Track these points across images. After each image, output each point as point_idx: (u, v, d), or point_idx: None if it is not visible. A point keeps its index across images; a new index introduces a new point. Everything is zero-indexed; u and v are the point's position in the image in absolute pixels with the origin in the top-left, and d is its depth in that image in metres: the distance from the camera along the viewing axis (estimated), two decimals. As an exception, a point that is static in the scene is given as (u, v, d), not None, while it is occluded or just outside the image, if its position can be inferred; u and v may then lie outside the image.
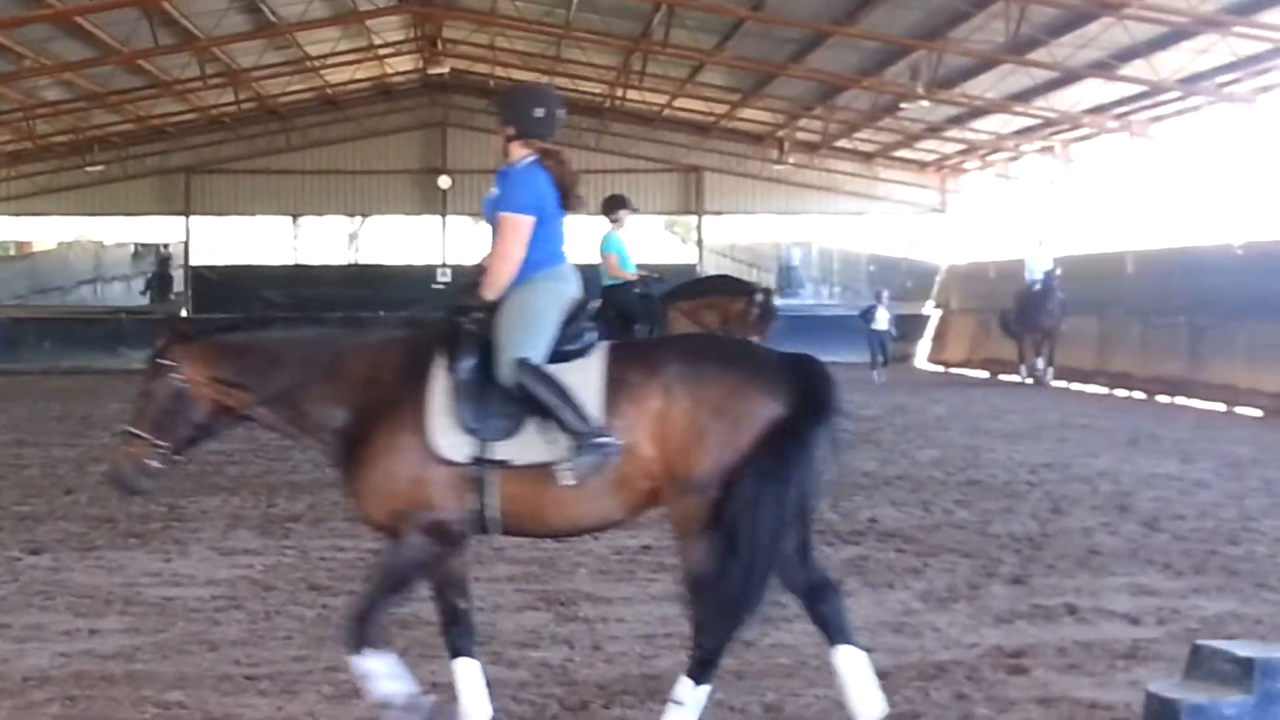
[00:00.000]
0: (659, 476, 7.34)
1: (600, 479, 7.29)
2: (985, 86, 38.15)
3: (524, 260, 7.76)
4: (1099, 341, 35.75)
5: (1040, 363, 35.47)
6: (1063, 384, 34.81)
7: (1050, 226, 42.33)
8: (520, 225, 7.78)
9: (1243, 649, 6.68)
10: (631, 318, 17.82)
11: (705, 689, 7.44)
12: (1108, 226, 43.54)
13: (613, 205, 18.77)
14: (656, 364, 7.45)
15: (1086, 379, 34.78)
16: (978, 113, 42.10)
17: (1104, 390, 33.79)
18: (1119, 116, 39.36)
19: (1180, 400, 30.50)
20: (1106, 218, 44.15)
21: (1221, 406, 28.69)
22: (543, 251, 7.82)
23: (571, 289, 7.87)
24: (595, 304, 17.49)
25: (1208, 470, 18.40)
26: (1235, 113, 35.03)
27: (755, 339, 17.00)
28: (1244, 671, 6.47)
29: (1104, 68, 33.58)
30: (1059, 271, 35.12)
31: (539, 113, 8.16)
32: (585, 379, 7.42)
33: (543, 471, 7.31)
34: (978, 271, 46.70)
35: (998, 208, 51.25)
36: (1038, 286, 35.13)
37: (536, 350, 7.49)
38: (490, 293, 7.72)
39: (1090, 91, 36.95)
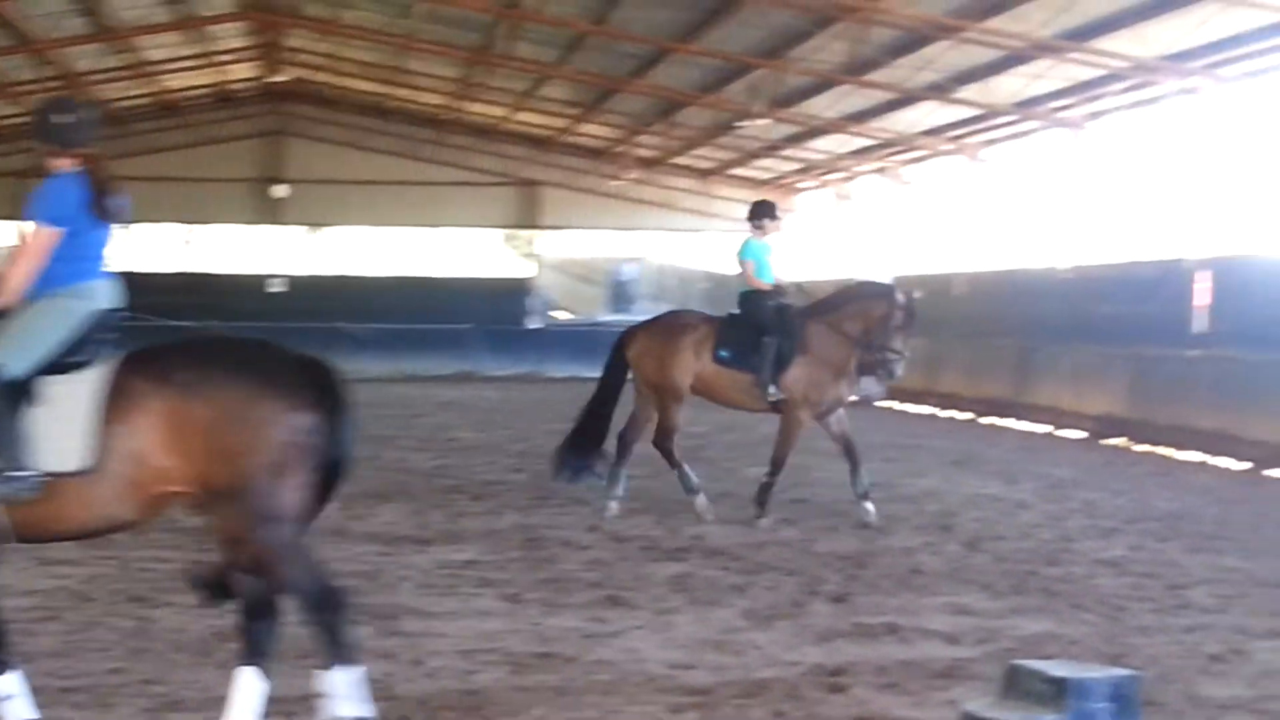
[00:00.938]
0: (182, 482, 7.33)
1: (105, 487, 7.28)
2: (824, 106, 38.38)
3: (46, 273, 7.69)
4: (928, 362, 36.07)
5: (870, 382, 35.64)
6: (891, 404, 35.06)
7: (884, 246, 42.74)
8: (41, 236, 7.71)
9: (1057, 669, 6.74)
10: (762, 329, 16.36)
11: (352, 670, 7.42)
12: (940, 247, 44.00)
13: (756, 212, 17.52)
14: (166, 371, 7.40)
15: (915, 399, 35.09)
16: (815, 132, 42.36)
17: (932, 411, 34.14)
18: (954, 139, 39.81)
19: (1006, 421, 30.89)
20: (939, 239, 44.62)
21: (1046, 428, 29.08)
22: (69, 266, 7.76)
23: (93, 305, 7.79)
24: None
25: (1030, 491, 18.64)
26: (1066, 138, 35.59)
27: (899, 344, 16.25)
28: (1057, 691, 6.52)
29: (941, 90, 33.95)
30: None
31: (63, 120, 8.02)
32: (79, 390, 7.36)
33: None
34: (812, 291, 46.98)
35: (833, 227, 51.61)
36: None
37: (17, 365, 7.41)
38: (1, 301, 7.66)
39: (927, 113, 37.33)
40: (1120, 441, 26.30)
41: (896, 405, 34.70)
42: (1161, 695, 8.71)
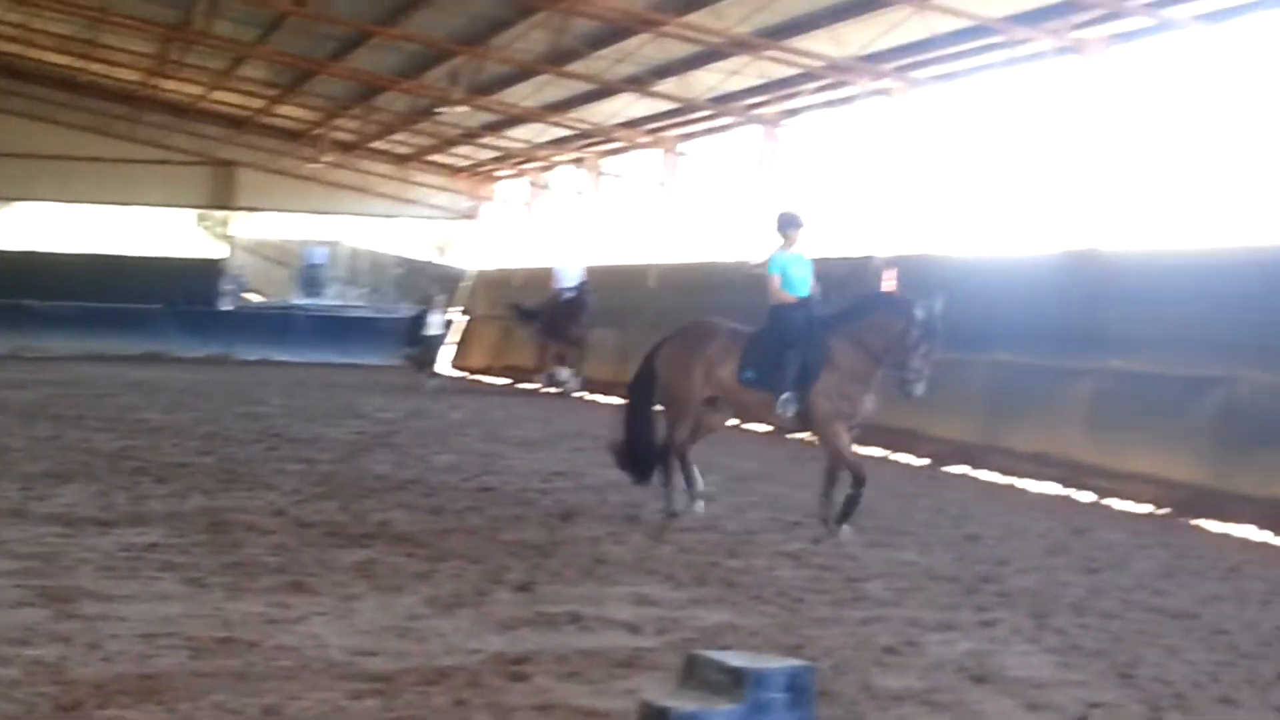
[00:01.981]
0: None
1: None
2: (523, 95, 38.37)
3: None
4: (619, 353, 36.29)
5: (564, 372, 35.72)
6: (583, 394, 35.20)
7: (580, 237, 42.92)
8: None
9: (735, 659, 6.77)
10: (786, 344, 15.52)
11: None
12: (636, 239, 44.27)
13: (782, 223, 16.53)
14: None
15: (606, 390, 35.24)
16: (514, 121, 42.36)
17: (622, 401, 34.26)
18: (651, 132, 40.11)
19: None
20: (635, 230, 44.89)
21: (734, 421, 29.35)
22: None
23: None
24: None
25: (714, 484, 18.80)
26: (761, 133, 36.10)
27: (917, 362, 14.94)
28: (735, 681, 6.55)
29: (639, 83, 34.17)
30: (589, 282, 35.47)
31: None
32: None
33: None
34: (504, 278, 47.01)
35: (530, 216, 51.65)
36: (568, 295, 35.28)
37: None
38: None
39: (625, 105, 37.53)
40: (804, 437, 26.66)
41: (588, 395, 34.82)
42: (836, 686, 8.83)
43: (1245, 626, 11.49)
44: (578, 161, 46.36)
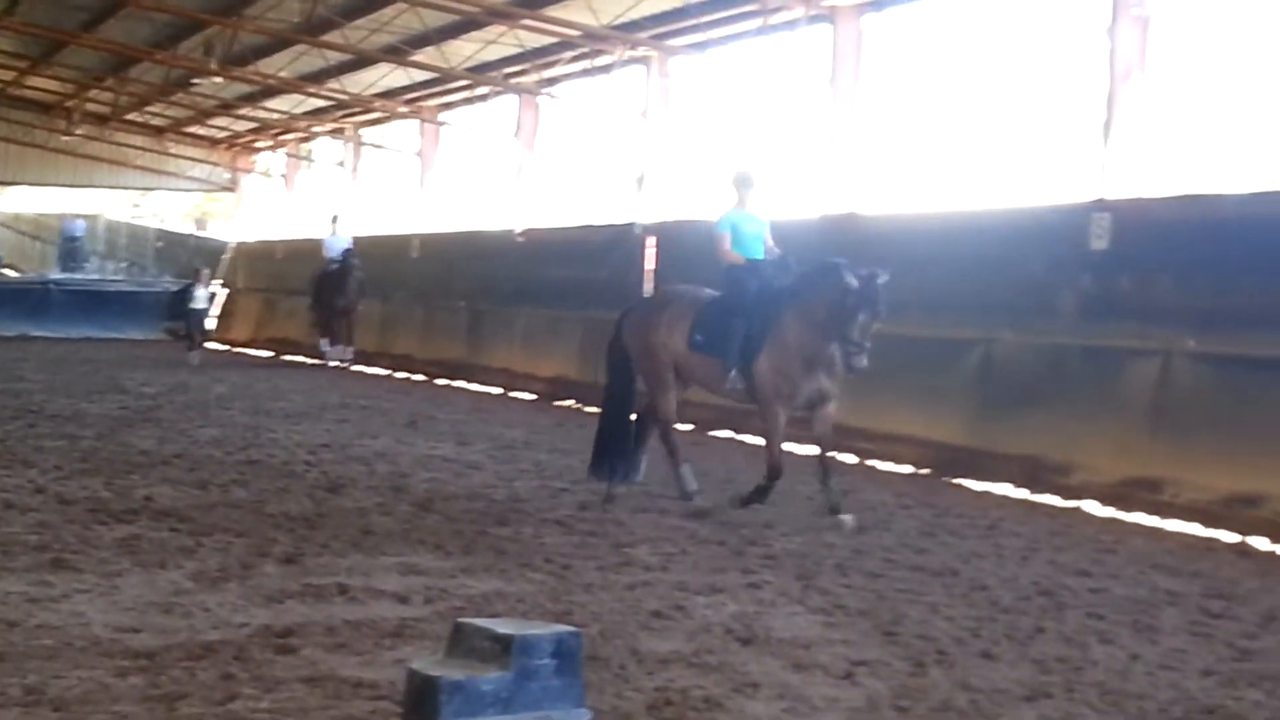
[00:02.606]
0: None
1: None
2: (279, 65, 38.01)
3: None
4: (382, 323, 36.10)
5: (331, 343, 35.22)
6: (352, 365, 34.89)
7: (344, 207, 42.55)
8: None
9: (502, 626, 6.77)
10: (734, 311, 14.63)
11: None
12: (397, 209, 44.06)
13: (735, 180, 15.48)
14: None
15: (370, 361, 35.03)
16: (271, 91, 41.94)
17: (387, 372, 34.15)
18: (410, 101, 39.89)
19: (460, 383, 31.13)
20: (396, 201, 44.67)
21: (498, 390, 29.43)
22: None
23: None
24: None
25: (482, 452, 18.80)
26: (521, 103, 36.09)
27: (856, 334, 13.76)
28: (503, 648, 6.55)
29: (397, 53, 33.99)
30: (356, 252, 35.03)
31: None
32: None
33: None
34: (266, 250, 46.47)
35: (290, 187, 51.10)
36: (335, 266, 34.75)
37: None
38: None
39: (383, 75, 37.29)
40: (571, 403, 26.80)
41: (352, 367, 34.54)
42: (604, 651, 8.88)
43: (1004, 582, 11.74)
44: (337, 132, 46.02)
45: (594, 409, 25.54)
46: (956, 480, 17.64)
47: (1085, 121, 21.79)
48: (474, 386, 30.48)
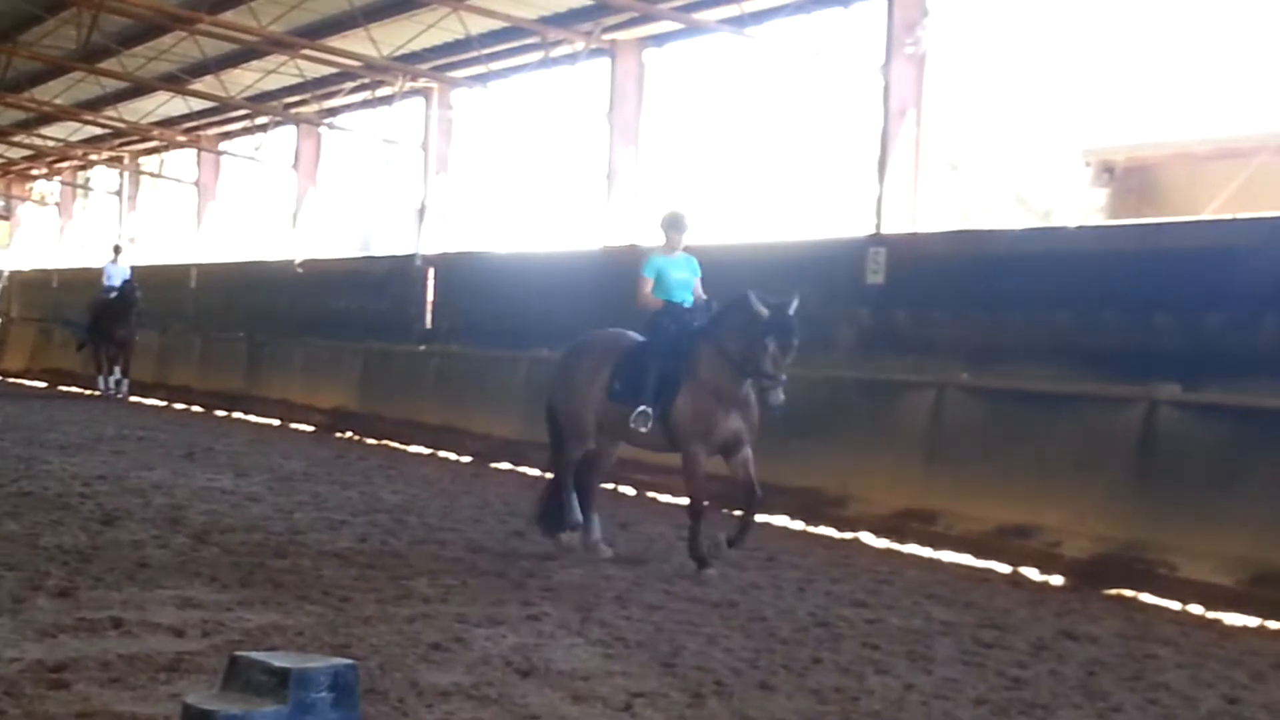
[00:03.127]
0: None
1: None
2: (55, 92, 37.30)
3: None
4: (160, 354, 35.56)
5: (114, 378, 34.39)
6: (129, 396, 34.29)
7: (125, 236, 41.85)
8: None
9: (279, 660, 6.68)
10: (651, 353, 13.95)
11: None
12: (176, 239, 43.46)
13: (664, 223, 14.61)
14: None
15: (147, 392, 34.47)
16: (47, 119, 41.12)
17: (164, 403, 33.61)
18: (188, 130, 39.40)
19: (239, 415, 30.75)
20: (175, 230, 44.07)
21: (278, 421, 29.11)
22: None
23: None
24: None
25: (260, 484, 18.56)
26: (301, 133, 35.83)
27: (769, 367, 13.05)
28: (279, 682, 6.46)
29: (175, 81, 33.53)
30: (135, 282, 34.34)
31: None
32: None
33: None
34: (42, 279, 45.55)
35: (67, 215, 50.18)
36: (114, 295, 33.88)
37: None
38: None
39: (162, 104, 36.79)
40: (350, 435, 26.61)
41: (129, 398, 33.94)
42: (383, 683, 8.80)
43: (781, 613, 11.83)
44: (115, 160, 45.24)
45: (374, 440, 25.61)
46: (736, 512, 17.73)
47: (861, 158, 22.15)
48: (253, 418, 30.14)
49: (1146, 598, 12.75)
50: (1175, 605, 12.48)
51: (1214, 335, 13.49)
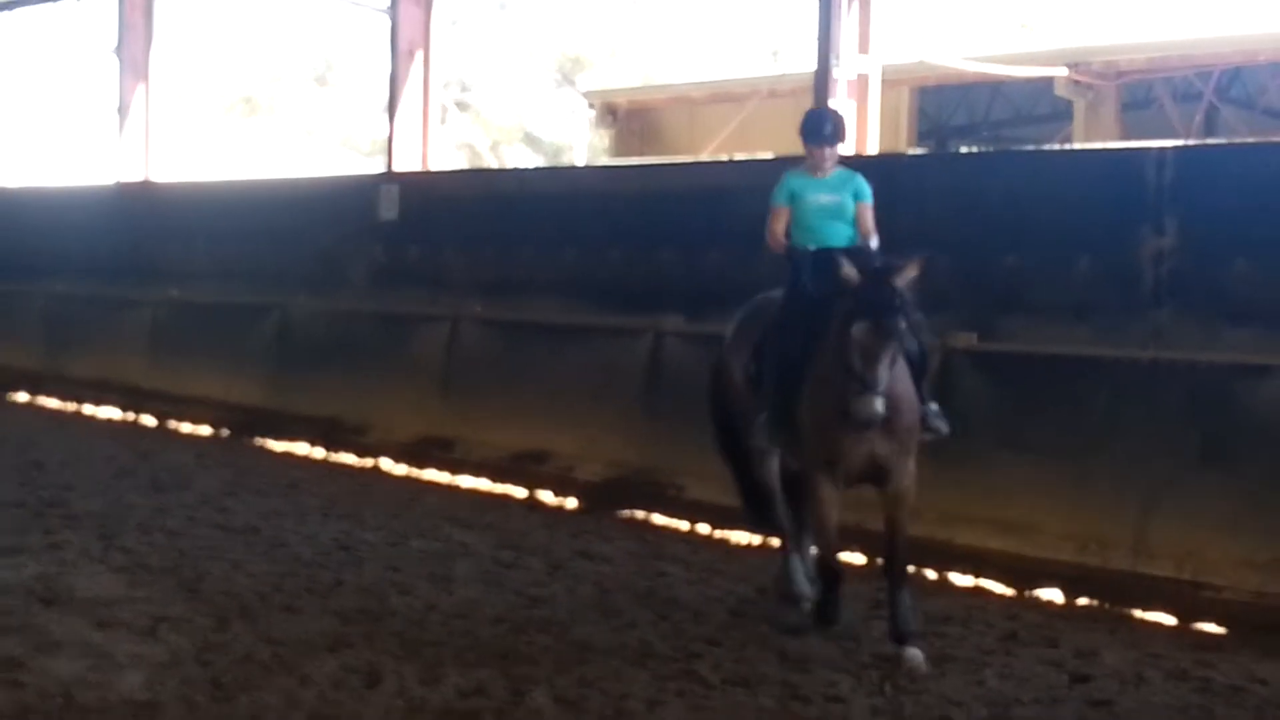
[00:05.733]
0: None
1: None
2: None
3: None
4: None
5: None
6: None
7: None
8: None
9: None
10: (781, 327, 9.33)
11: None
12: None
13: (804, 129, 9.49)
14: None
15: None
16: None
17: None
18: None
19: None
20: None
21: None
22: None
23: None
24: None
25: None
26: None
27: (860, 367, 8.20)
28: None
29: None
30: None
31: None
32: None
33: None
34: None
35: None
36: None
37: None
38: None
39: None
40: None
41: None
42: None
43: (305, 539, 11.76)
44: None
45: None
46: (257, 441, 17.49)
47: (371, 99, 22.03)
48: None
49: (657, 518, 13.06)
50: (684, 525, 12.82)
51: (713, 271, 13.81)
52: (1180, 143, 14.33)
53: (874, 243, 9.18)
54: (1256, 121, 24.49)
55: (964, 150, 20.79)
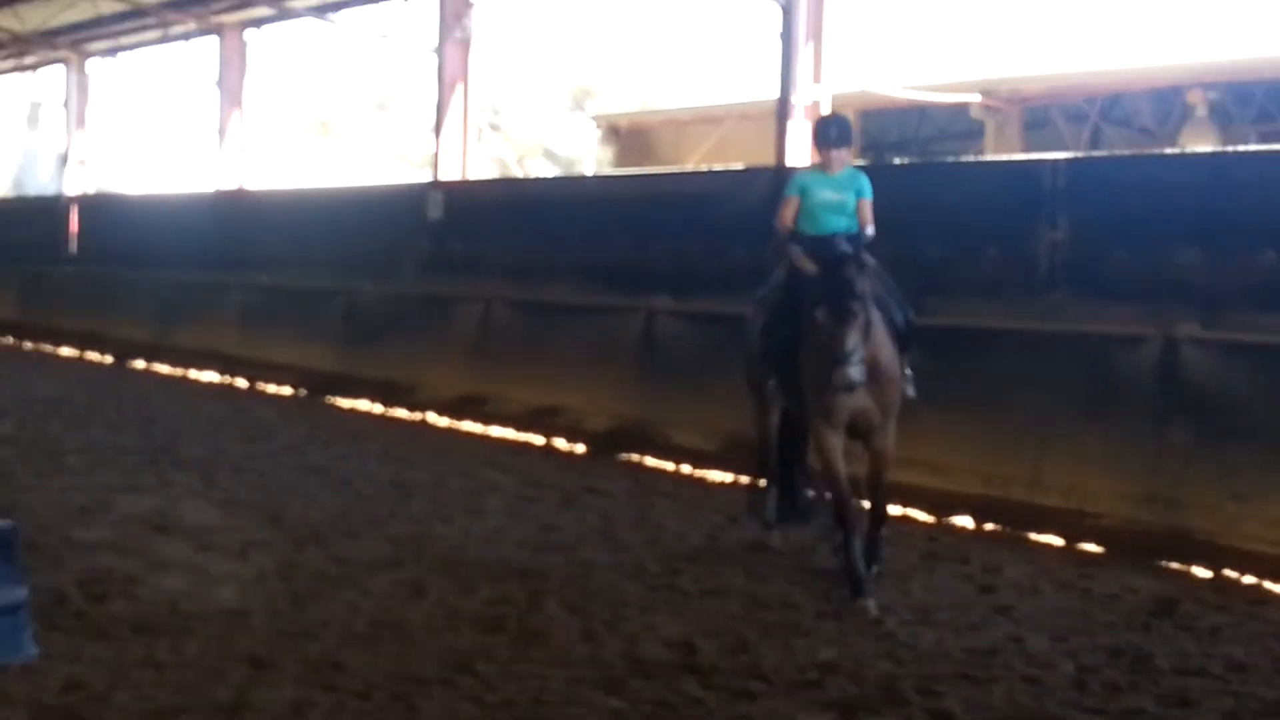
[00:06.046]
0: None
1: None
2: None
3: None
4: None
5: None
6: None
7: None
8: None
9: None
10: (783, 302, 8.79)
11: None
12: None
13: (816, 134, 9.02)
14: None
15: None
16: None
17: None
18: None
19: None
20: None
21: None
22: None
23: None
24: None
25: None
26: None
27: (835, 348, 7.72)
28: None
29: None
30: None
31: None
32: None
33: None
34: None
35: None
36: None
37: None
38: None
39: None
40: (10, 340, 25.35)
41: None
42: (41, 539, 8.45)
43: (365, 478, 11.74)
44: None
45: (31, 344, 24.37)
46: (328, 399, 17.48)
47: (422, 121, 21.98)
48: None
49: (650, 460, 13.04)
50: (671, 466, 12.80)
51: (696, 260, 13.79)
52: (1070, 155, 14.22)
53: (869, 232, 8.71)
54: (1133, 138, 24.39)
55: (898, 161, 20.69)
